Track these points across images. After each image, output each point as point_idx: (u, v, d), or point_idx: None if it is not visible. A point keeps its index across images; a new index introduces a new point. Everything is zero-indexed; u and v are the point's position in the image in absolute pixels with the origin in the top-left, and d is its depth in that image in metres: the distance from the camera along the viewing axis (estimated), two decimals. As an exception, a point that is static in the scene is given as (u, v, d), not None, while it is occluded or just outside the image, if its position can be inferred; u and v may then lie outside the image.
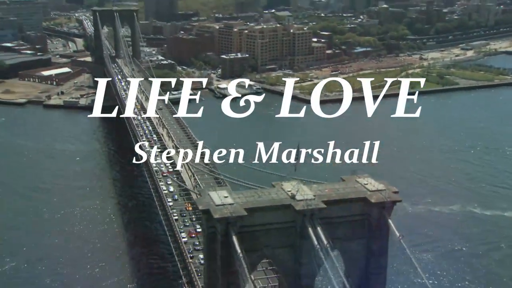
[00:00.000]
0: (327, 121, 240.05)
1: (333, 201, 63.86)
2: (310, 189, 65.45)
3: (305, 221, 60.42)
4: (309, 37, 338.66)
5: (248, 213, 60.23)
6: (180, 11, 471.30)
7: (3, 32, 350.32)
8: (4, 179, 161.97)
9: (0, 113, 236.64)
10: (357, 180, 68.55)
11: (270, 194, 65.07)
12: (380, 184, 67.26)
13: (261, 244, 63.28)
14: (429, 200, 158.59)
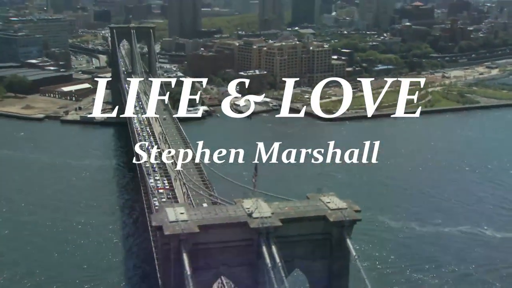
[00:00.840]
0: (340, 133, 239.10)
1: (291, 219, 62.48)
2: (269, 206, 64.09)
3: (261, 239, 58.92)
4: (328, 55, 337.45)
5: (202, 230, 59.04)
6: (203, 29, 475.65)
7: (28, 49, 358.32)
8: (10, 195, 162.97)
9: (19, 128, 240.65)
10: (321, 198, 67.04)
11: (228, 211, 63.90)
12: (343, 203, 65.54)
13: (218, 262, 61.98)
14: (439, 220, 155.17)
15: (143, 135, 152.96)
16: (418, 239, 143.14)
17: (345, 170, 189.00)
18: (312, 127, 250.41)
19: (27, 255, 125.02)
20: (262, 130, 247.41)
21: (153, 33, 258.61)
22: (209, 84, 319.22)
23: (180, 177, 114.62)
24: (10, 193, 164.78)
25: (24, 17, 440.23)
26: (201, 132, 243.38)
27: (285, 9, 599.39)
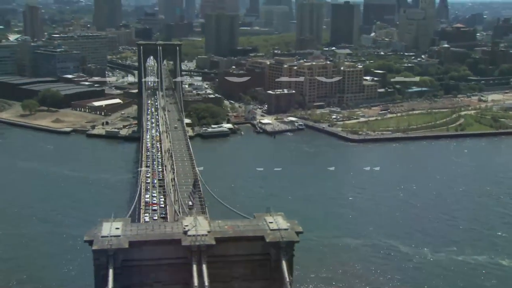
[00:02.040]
0: (361, 154, 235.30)
1: (227, 239, 60.33)
2: (209, 224, 62.22)
3: (192, 257, 57.06)
4: (360, 75, 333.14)
5: (134, 247, 57.70)
6: (239, 47, 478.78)
7: (66, 64, 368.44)
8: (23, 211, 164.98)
9: (47, 141, 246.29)
10: (266, 218, 64.69)
11: (166, 227, 62.48)
12: (286, 224, 63.09)
13: (151, 279, 60.50)
14: (454, 248, 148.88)
15: (152, 151, 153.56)
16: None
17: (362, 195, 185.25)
18: (335, 148, 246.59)
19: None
20: (280, 149, 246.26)
21: (179, 51, 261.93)
22: (238, 102, 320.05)
23: (176, 194, 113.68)
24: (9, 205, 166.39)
25: (65, 34, 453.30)
26: (221, 149, 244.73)
27: (325, 30, 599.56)
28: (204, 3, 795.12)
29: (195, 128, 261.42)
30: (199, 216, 64.75)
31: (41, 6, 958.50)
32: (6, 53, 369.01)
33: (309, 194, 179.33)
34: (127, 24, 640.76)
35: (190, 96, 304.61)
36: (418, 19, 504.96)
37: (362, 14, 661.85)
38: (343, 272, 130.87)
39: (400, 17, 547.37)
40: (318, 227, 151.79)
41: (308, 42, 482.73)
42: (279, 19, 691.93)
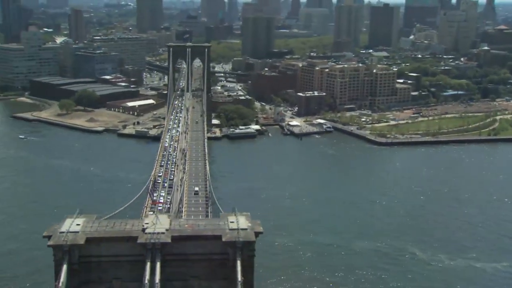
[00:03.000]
0: (385, 158, 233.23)
1: (185, 237, 61.65)
2: (169, 223, 63.88)
3: (147, 255, 58.81)
4: (392, 78, 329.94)
5: (91, 243, 59.66)
6: (275, 49, 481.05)
7: (104, 66, 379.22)
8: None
9: (79, 139, 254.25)
10: (229, 217, 65.86)
11: (126, 225, 64.31)
12: (248, 224, 63.95)
13: (110, 276, 61.97)
14: (473, 254, 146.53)
15: (169, 150, 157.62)
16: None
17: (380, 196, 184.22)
18: (361, 151, 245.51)
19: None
20: (305, 152, 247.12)
21: (208, 52, 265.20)
22: (269, 104, 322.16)
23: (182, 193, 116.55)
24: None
25: (106, 37, 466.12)
26: (246, 150, 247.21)
27: (364, 32, 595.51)
28: (245, 6, 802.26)
29: (223, 129, 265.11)
30: (161, 215, 66.46)
31: (91, 10, 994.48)
32: (49, 55, 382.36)
33: (328, 197, 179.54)
34: (168, 27, 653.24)
35: (221, 98, 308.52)
36: (459, 21, 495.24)
37: (403, 17, 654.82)
38: (352, 276, 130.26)
39: (440, 20, 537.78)
40: (329, 230, 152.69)
41: (344, 45, 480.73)
42: (318, 21, 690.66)
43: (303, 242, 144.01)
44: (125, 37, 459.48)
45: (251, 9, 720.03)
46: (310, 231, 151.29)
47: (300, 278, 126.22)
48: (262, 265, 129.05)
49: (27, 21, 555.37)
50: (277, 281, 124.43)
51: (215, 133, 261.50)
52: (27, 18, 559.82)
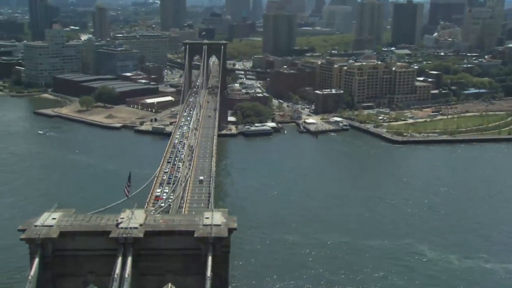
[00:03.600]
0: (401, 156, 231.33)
1: (158, 232, 62.20)
2: (144, 218, 64.56)
3: (119, 249, 59.49)
4: (412, 76, 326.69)
5: (65, 237, 60.34)
6: (296, 47, 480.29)
7: (125, 63, 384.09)
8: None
9: (97, 135, 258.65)
10: (205, 213, 66.42)
11: (101, 219, 65.12)
12: (223, 220, 64.33)
13: (85, 270, 62.78)
14: (484, 255, 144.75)
15: (178, 147, 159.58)
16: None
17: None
18: (376, 149, 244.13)
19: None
20: (320, 149, 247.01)
21: (224, 50, 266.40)
22: (287, 101, 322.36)
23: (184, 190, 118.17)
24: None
25: (129, 34, 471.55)
26: (261, 147, 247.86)
27: (388, 30, 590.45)
28: (270, 4, 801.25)
29: (238, 126, 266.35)
30: (137, 210, 67.22)
31: (119, 8, 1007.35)
32: (72, 52, 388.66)
33: (339, 195, 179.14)
34: (192, 25, 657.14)
35: (238, 95, 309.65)
36: (484, 18, 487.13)
37: (428, 14, 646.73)
38: (359, 275, 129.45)
39: (465, 16, 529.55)
40: (336, 228, 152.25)
41: (366, 43, 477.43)
42: (341, 19, 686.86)
43: (307, 239, 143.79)
44: (147, 34, 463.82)
45: (275, 7, 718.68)
46: (315, 228, 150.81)
47: (301, 277, 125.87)
48: (259, 261, 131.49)
49: (54, 19, 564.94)
50: (277, 279, 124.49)
51: (231, 130, 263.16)
52: (54, 16, 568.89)
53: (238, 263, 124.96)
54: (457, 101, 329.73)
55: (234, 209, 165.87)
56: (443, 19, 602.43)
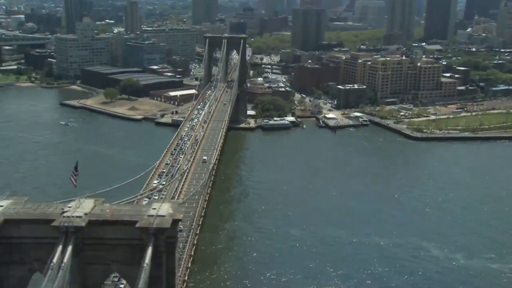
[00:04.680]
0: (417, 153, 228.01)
1: (102, 222, 62.93)
2: (92, 207, 65.51)
3: (60, 237, 60.43)
4: (437, 71, 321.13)
5: (11, 224, 61.39)
6: (325, 42, 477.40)
7: (152, 56, 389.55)
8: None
9: (118, 127, 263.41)
10: (154, 203, 67.23)
11: (49, 208, 65.99)
12: (169, 211, 64.91)
13: (31, 257, 63.78)
14: (492, 255, 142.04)
15: (184, 140, 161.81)
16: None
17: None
18: (394, 145, 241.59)
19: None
20: (336, 144, 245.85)
21: (244, 43, 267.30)
22: (310, 96, 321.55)
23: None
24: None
25: (158, 28, 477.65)
26: (278, 141, 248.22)
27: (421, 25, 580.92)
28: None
29: (257, 120, 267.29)
30: (87, 199, 67.90)
31: (156, 2, 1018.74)
32: (101, 45, 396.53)
33: (351, 191, 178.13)
34: (223, 19, 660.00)
35: (260, 89, 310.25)
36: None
37: (464, 9, 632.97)
38: (363, 271, 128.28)
39: (501, 11, 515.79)
40: (343, 224, 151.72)
41: (396, 38, 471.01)
42: (374, 14, 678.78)
43: (313, 235, 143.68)
44: (176, 28, 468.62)
45: (309, 1, 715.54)
46: (324, 224, 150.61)
47: (303, 272, 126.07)
48: (259, 251, 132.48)
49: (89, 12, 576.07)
50: (281, 274, 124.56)
51: (249, 124, 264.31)
52: (88, 10, 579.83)
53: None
54: (484, 98, 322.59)
55: (240, 201, 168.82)
56: (479, 14, 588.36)
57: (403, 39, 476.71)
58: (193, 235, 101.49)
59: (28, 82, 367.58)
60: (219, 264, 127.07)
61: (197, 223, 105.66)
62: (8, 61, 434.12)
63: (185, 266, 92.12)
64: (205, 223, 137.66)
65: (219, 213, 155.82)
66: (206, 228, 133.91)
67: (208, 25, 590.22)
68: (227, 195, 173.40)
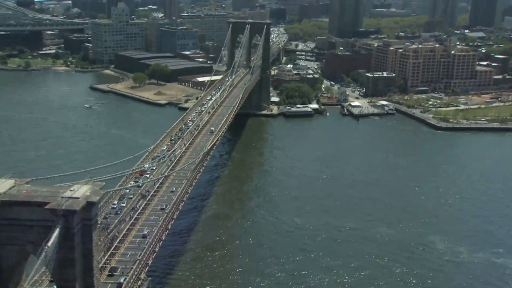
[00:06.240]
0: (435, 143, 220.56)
1: (13, 202, 62.78)
2: (9, 187, 65.05)
3: None
4: (472, 60, 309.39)
5: None
6: (362, 29, 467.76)
7: (185, 41, 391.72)
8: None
9: (142, 111, 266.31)
10: (75, 185, 66.49)
11: None
12: (87, 193, 64.10)
13: None
14: (500, 250, 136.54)
15: (188, 125, 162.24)
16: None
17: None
18: (416, 135, 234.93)
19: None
20: (357, 133, 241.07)
21: (267, 29, 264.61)
22: (339, 83, 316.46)
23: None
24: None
25: (194, 13, 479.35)
26: (299, 129, 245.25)
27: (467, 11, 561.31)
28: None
29: (280, 107, 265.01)
30: (8, 179, 67.85)
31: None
32: (136, 30, 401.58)
33: (366, 180, 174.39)
34: (264, 5, 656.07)
35: (288, 76, 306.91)
36: None
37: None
38: (370, 261, 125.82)
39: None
40: (352, 214, 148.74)
41: (437, 25, 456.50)
42: (418, 0, 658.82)
43: (316, 225, 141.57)
44: (212, 14, 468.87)
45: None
46: (329, 214, 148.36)
47: (300, 261, 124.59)
48: (260, 245, 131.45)
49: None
50: (284, 262, 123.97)
51: (272, 111, 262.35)
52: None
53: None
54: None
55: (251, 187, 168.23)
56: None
57: (444, 26, 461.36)
58: (169, 219, 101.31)
59: (63, 66, 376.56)
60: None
61: (176, 207, 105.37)
62: (49, 45, 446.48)
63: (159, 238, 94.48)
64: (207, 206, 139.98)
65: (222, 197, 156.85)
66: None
67: (247, 11, 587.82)
68: (234, 181, 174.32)
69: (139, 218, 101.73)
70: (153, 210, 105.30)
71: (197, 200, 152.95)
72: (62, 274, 63.83)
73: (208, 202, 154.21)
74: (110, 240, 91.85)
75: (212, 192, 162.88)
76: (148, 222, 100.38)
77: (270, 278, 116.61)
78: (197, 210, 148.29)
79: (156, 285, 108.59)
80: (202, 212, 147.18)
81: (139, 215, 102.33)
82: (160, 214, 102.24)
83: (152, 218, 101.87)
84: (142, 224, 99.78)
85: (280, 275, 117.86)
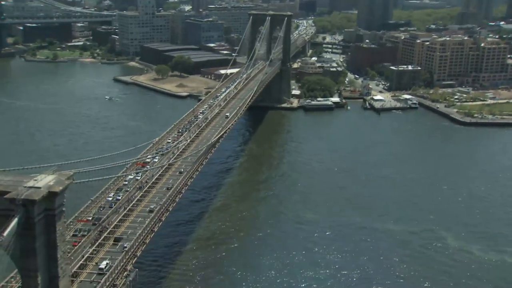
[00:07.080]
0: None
1: None
2: None
3: None
4: (503, 53, 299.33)
5: None
6: (391, 21, 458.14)
7: (210, 34, 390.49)
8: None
9: (163, 103, 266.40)
10: (41, 175, 65.17)
11: None
12: (49, 184, 62.69)
13: None
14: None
15: (198, 117, 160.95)
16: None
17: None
18: (438, 130, 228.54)
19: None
20: (377, 127, 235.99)
21: (289, 21, 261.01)
22: (363, 76, 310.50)
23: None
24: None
25: (221, 5, 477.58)
26: (318, 122, 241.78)
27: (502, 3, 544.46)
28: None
29: (300, 100, 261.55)
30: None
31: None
32: (161, 22, 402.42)
33: (380, 175, 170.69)
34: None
35: (311, 68, 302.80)
36: None
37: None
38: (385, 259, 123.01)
39: None
40: (360, 209, 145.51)
41: (470, 16, 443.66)
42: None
43: (324, 220, 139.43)
44: (239, 6, 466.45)
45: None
46: (341, 209, 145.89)
47: (307, 258, 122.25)
48: (260, 240, 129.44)
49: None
50: (293, 256, 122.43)
51: (292, 104, 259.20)
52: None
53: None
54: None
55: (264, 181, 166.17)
56: None
57: (478, 17, 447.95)
58: (164, 211, 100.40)
59: (90, 58, 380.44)
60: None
61: (172, 199, 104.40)
62: (79, 37, 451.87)
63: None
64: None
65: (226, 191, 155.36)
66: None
67: (277, 3, 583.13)
68: (245, 172, 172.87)
69: (133, 209, 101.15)
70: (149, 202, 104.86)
71: (204, 192, 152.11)
72: (24, 264, 63.39)
73: (217, 193, 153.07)
74: (99, 231, 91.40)
75: (222, 183, 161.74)
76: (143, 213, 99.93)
77: (270, 275, 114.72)
78: (206, 200, 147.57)
79: (149, 277, 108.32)
80: (210, 204, 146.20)
81: (134, 207, 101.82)
82: (154, 204, 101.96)
83: (147, 209, 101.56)
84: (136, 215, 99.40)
85: (280, 272, 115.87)
